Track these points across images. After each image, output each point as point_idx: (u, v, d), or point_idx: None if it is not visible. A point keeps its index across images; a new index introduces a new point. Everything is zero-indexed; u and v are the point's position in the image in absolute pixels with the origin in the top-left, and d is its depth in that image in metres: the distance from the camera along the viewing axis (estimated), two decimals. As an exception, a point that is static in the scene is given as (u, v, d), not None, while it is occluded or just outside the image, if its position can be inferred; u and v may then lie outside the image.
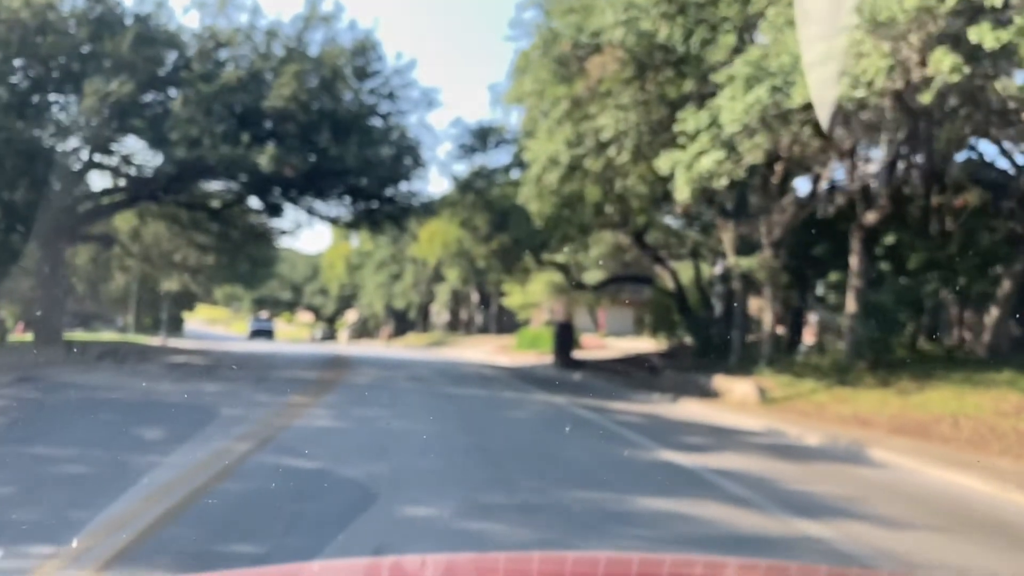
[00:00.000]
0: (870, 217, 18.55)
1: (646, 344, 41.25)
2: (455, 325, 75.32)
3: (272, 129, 21.74)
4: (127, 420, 10.57)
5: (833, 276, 20.06)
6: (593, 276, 45.60)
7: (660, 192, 20.43)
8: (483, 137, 27.80)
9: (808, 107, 11.45)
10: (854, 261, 18.81)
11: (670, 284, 38.59)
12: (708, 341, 26.51)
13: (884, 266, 19.62)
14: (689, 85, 15.06)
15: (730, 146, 12.39)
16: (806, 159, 14.43)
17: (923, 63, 10.66)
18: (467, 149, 28.18)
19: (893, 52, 10.52)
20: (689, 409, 17.57)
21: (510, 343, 51.78)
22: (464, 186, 33.08)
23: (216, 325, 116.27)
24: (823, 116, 11.23)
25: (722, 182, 13.02)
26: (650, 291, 50.47)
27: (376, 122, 25.29)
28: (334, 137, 21.78)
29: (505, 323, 66.13)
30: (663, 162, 13.62)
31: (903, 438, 12.65)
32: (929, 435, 12.90)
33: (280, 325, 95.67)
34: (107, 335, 45.48)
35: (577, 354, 33.18)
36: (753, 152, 12.41)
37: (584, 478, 8.17)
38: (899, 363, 18.47)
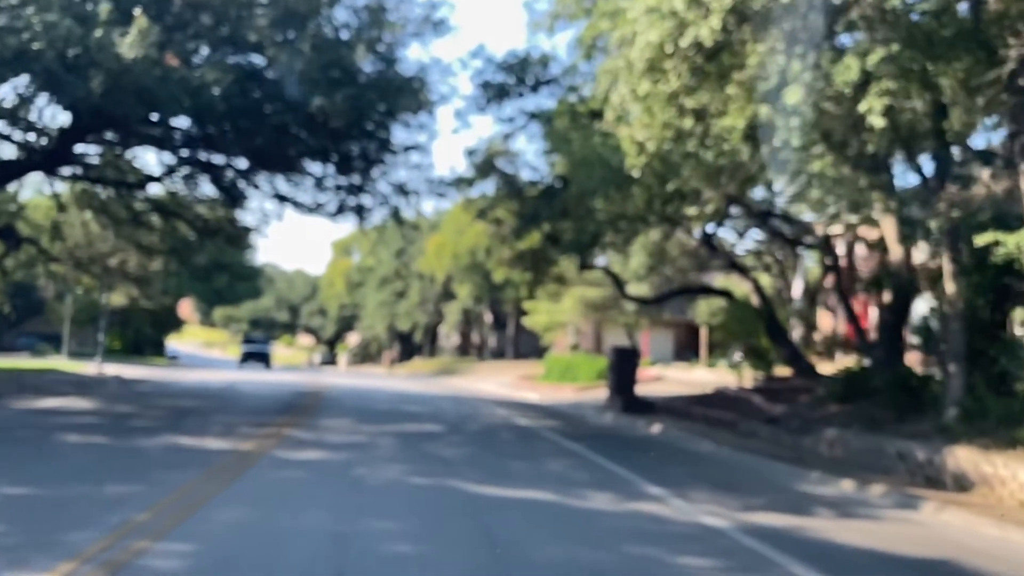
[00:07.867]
0: None
1: (705, 374, 32.37)
2: (466, 349, 67.29)
3: (172, 16, 12.61)
4: None
5: None
6: (639, 289, 36.36)
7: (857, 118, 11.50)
8: (518, 72, 18.69)
9: None
10: None
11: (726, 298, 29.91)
12: (856, 378, 17.53)
13: None
14: None
15: None
16: None
17: None
18: (494, 91, 19.03)
19: None
20: (966, 527, 8.58)
21: (533, 371, 43.16)
22: (485, 166, 24.33)
23: (213, 349, 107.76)
24: None
25: None
26: (693, 311, 41.60)
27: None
28: (274, 35, 12.76)
29: (523, 346, 58.11)
30: None
31: None
32: None
33: (279, 349, 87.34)
34: (51, 362, 36.80)
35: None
36: None
37: None
38: None
